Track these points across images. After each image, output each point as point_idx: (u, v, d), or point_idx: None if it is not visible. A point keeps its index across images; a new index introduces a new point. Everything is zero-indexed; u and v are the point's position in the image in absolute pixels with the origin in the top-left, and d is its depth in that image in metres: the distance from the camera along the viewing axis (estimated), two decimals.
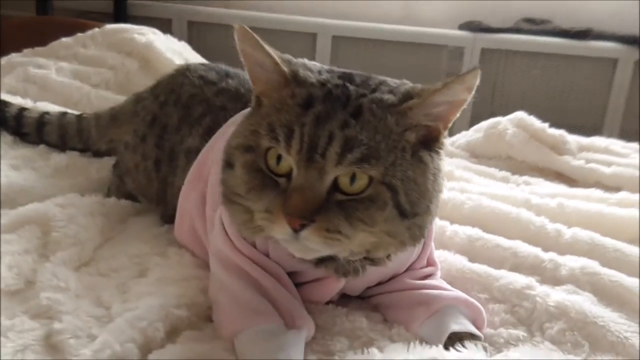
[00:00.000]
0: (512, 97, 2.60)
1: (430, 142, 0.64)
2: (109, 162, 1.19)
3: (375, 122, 0.60)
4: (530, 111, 1.61)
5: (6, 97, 1.31)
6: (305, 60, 0.68)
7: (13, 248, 0.78)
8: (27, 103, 1.33)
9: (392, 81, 0.67)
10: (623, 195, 1.16)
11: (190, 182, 0.90)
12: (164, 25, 2.39)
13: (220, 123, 0.93)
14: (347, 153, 0.58)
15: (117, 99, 1.54)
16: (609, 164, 1.38)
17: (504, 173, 1.39)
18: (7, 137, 1.20)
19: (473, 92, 0.60)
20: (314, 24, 2.58)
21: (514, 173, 1.40)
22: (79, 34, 1.70)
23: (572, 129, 1.63)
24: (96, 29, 1.77)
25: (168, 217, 0.99)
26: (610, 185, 1.31)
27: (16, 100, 1.32)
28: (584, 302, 0.77)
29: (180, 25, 2.61)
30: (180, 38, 2.11)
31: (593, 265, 0.85)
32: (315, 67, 0.67)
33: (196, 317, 0.70)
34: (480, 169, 1.41)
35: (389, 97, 0.62)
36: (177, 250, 0.86)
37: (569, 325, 0.73)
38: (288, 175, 0.60)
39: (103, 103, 1.49)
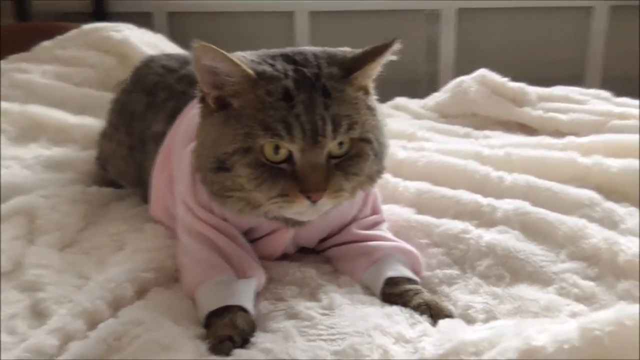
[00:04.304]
0: (493, 55, 2.63)
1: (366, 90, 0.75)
2: (93, 155, 1.29)
3: (341, 96, 0.71)
4: (508, 67, 1.65)
5: None
6: (240, 53, 0.74)
7: (4, 236, 0.88)
8: (14, 107, 1.43)
9: (319, 51, 0.76)
10: (569, 139, 1.22)
11: (160, 165, 0.98)
12: (145, 19, 2.41)
13: (182, 107, 1.00)
14: (338, 128, 0.69)
15: (99, 95, 1.61)
16: (566, 112, 1.44)
17: (466, 129, 1.46)
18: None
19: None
20: (289, 2, 2.58)
21: (477, 129, 1.47)
22: (58, 37, 1.78)
23: (552, 82, 1.66)
24: (74, 30, 1.84)
25: (147, 198, 1.07)
26: (568, 132, 1.36)
27: (3, 106, 1.41)
28: (510, 240, 0.85)
29: (160, 17, 2.64)
30: (161, 30, 2.16)
31: (524, 205, 0.92)
32: (255, 57, 0.74)
33: (164, 279, 0.80)
34: (445, 128, 1.48)
35: (336, 72, 0.72)
36: (153, 225, 0.95)
37: (495, 261, 0.82)
38: (286, 160, 0.69)
39: (87, 100, 1.57)
